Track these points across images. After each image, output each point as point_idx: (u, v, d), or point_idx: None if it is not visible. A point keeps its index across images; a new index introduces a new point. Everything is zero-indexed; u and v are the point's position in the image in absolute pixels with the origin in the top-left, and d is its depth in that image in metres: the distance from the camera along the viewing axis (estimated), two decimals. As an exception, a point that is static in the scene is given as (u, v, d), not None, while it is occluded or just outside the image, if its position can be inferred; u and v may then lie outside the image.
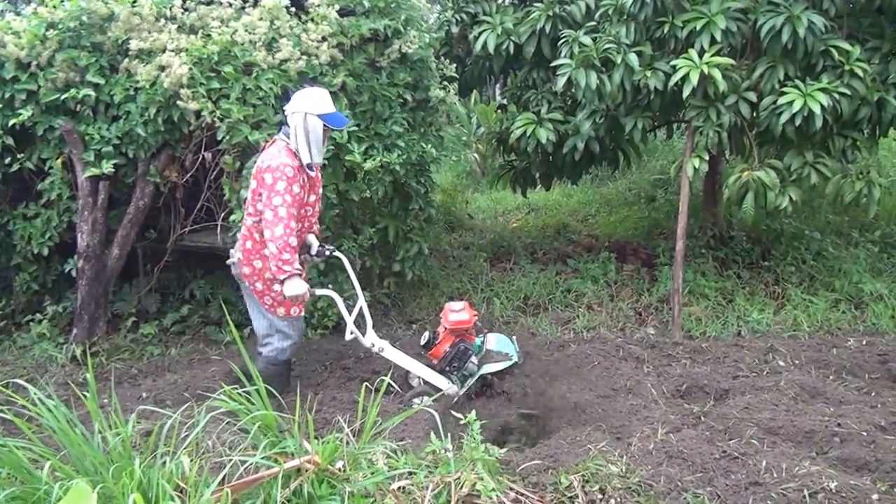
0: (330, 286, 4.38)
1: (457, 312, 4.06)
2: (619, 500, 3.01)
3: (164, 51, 4.48)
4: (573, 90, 5.00)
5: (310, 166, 3.84)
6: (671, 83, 4.65)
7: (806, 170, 4.83)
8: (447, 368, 4.06)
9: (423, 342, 4.13)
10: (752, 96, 4.78)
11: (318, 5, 4.70)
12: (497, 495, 2.86)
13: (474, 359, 4.06)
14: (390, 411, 3.57)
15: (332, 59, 4.71)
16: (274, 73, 4.51)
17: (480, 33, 5.46)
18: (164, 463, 2.63)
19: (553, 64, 5.03)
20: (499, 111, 6.16)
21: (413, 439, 3.48)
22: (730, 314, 5.20)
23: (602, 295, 5.52)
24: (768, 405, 3.96)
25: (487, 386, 4.08)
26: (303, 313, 4.06)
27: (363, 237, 5.03)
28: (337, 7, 4.75)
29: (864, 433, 3.60)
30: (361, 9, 4.95)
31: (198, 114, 4.45)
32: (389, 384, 3.27)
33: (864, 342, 4.82)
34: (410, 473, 2.94)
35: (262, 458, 2.71)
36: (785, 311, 5.23)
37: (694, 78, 4.54)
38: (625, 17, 4.99)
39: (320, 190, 4.12)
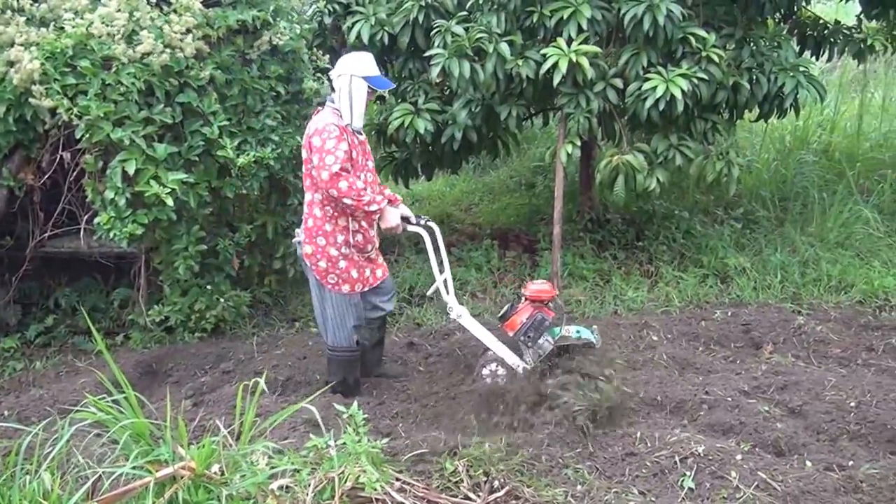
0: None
1: (538, 283, 4.10)
2: (502, 481, 3.06)
3: (12, 45, 4.21)
4: (448, 80, 5.04)
5: (359, 131, 3.83)
6: (542, 71, 4.75)
7: (671, 152, 5.05)
8: (521, 339, 3.99)
9: (500, 314, 4.10)
10: (619, 83, 4.94)
11: (182, -4, 4.54)
12: (381, 486, 2.86)
13: (550, 339, 3.98)
14: (273, 411, 3.49)
15: (198, 51, 4.55)
16: (136, 67, 4.32)
17: (354, 24, 5.40)
18: (27, 482, 2.48)
19: (427, 54, 5.04)
20: (377, 102, 6.11)
21: (298, 437, 3.43)
22: (607, 294, 5.38)
23: (486, 282, 5.59)
24: (644, 378, 4.14)
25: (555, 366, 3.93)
26: (366, 287, 3.99)
27: (240, 235, 4.90)
28: (201, -2, 4.59)
29: (730, 398, 3.82)
30: (227, 0, 4.81)
31: (53, 112, 4.22)
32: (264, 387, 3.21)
33: (729, 313, 5.10)
34: (294, 472, 2.89)
35: (133, 468, 2.60)
36: (658, 289, 5.46)
37: (563, 66, 4.65)
38: (495, 6, 5.06)
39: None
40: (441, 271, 4.10)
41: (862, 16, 6.13)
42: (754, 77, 5.12)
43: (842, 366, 4.42)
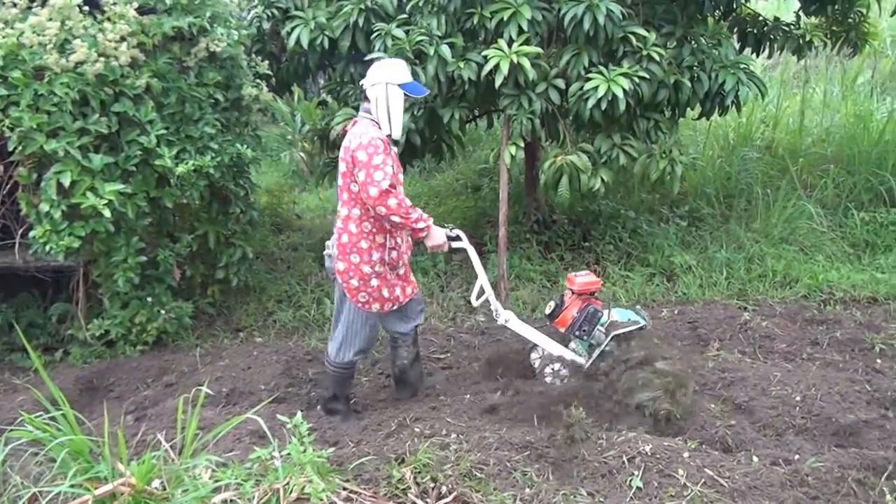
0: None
1: (584, 276, 4.09)
2: (450, 486, 3.02)
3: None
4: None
5: (395, 142, 3.72)
6: (484, 73, 4.73)
7: (615, 152, 5.07)
8: (576, 333, 3.97)
9: (547, 311, 4.07)
10: (561, 83, 4.95)
11: (115, 3, 4.42)
12: (327, 496, 2.80)
13: (601, 328, 3.93)
14: (217, 423, 3.39)
15: (133, 59, 4.45)
16: (69, 77, 4.21)
17: (293, 28, 5.32)
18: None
19: (368, 58, 4.98)
20: (319, 107, 6.04)
21: (243, 449, 3.35)
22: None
23: (433, 286, 5.55)
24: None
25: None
26: (395, 307, 3.88)
27: (181, 245, 4.79)
28: (135, 5, 4.47)
29: (677, 396, 3.83)
30: (163, 6, 4.70)
31: (-16, 124, 4.08)
32: (208, 394, 3.13)
33: (675, 311, 5.14)
34: (238, 485, 2.82)
35: (72, 486, 2.52)
36: (605, 288, 5.48)
37: (504, 67, 4.64)
38: (435, 9, 5.03)
39: None
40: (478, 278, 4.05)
41: (800, 12, 6.23)
42: (695, 75, 5.17)
43: (787, 360, 4.48)
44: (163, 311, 4.72)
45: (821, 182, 6.78)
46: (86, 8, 4.45)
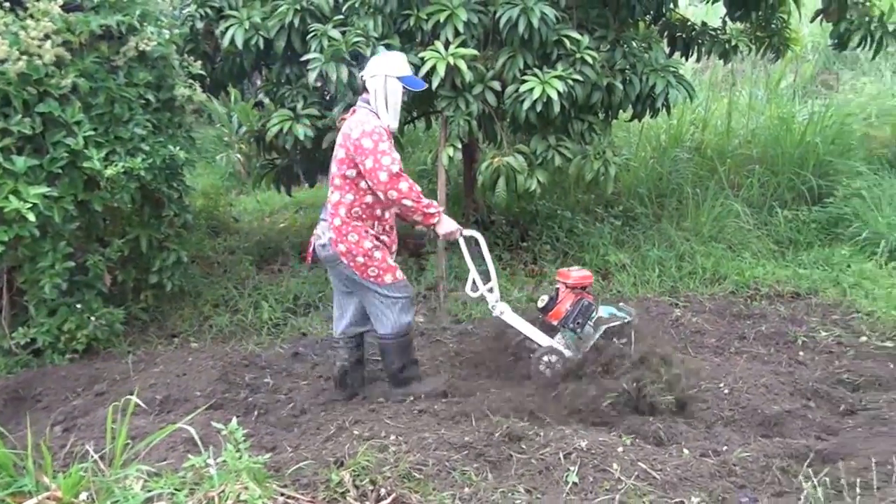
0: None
1: (577, 270, 4.21)
2: (389, 488, 3.02)
3: None
4: (326, 85, 4.97)
5: (394, 133, 3.83)
6: (421, 75, 4.74)
7: (550, 153, 5.16)
8: (571, 326, 4.02)
9: (541, 305, 4.12)
10: (497, 85, 5.01)
11: (38, 0, 4.28)
12: (264, 502, 2.77)
13: (592, 325, 3.98)
14: (150, 432, 3.33)
15: (58, 58, 4.30)
16: (-11, 76, 4.05)
17: (227, 28, 5.24)
18: None
19: (304, 58, 4.95)
20: (255, 108, 5.96)
21: (177, 458, 3.29)
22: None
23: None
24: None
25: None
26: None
27: (111, 250, 4.66)
28: (60, 2, 4.34)
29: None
30: (90, 4, 4.57)
31: None
32: (138, 404, 3.06)
33: (611, 309, 5.25)
34: (172, 494, 2.77)
35: (-9, 502, 2.44)
36: (543, 288, 5.56)
37: (441, 69, 4.68)
38: (372, 10, 5.03)
39: None
40: (476, 268, 4.12)
41: (727, 18, 6.43)
42: (627, 78, 5.30)
43: (716, 354, 4.63)
44: (93, 318, 4.59)
45: (747, 182, 7.01)
46: (7, 4, 4.31)
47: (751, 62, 9.83)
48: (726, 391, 4.00)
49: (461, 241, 4.06)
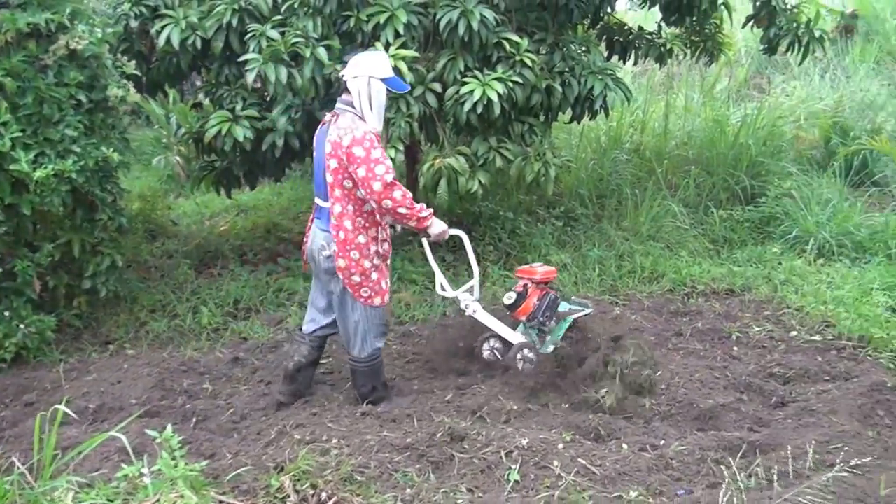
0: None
1: (542, 266, 4.39)
2: (330, 492, 3.01)
3: None
4: (265, 86, 4.90)
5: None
6: (361, 76, 4.72)
7: (491, 154, 5.18)
8: (540, 320, 4.19)
9: (508, 302, 4.22)
10: (438, 87, 5.02)
11: (-39, -4, 4.14)
12: (202, 511, 2.73)
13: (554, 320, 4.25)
14: (83, 441, 3.24)
15: (-17, 57, 4.17)
16: None
17: (163, 28, 5.13)
18: None
19: (242, 59, 4.88)
20: (194, 109, 5.85)
21: (111, 468, 3.22)
22: (437, 297, 5.42)
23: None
24: (472, 376, 4.24)
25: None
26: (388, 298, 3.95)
27: (41, 255, 4.51)
28: (-15, -2, 4.20)
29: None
30: (16, 0, 4.43)
31: None
32: (69, 414, 2.98)
33: (552, 308, 5.30)
34: (106, 505, 2.71)
35: None
36: (485, 288, 5.59)
37: (381, 71, 4.65)
38: (311, 11, 4.98)
39: None
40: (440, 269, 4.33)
41: (662, 22, 6.57)
42: (566, 80, 5.36)
43: (654, 351, 4.70)
44: (22, 326, 4.43)
45: (684, 182, 7.16)
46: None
47: (687, 66, 10.04)
48: (663, 387, 4.09)
49: (424, 243, 4.17)
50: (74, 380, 4.29)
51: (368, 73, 3.66)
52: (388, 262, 3.93)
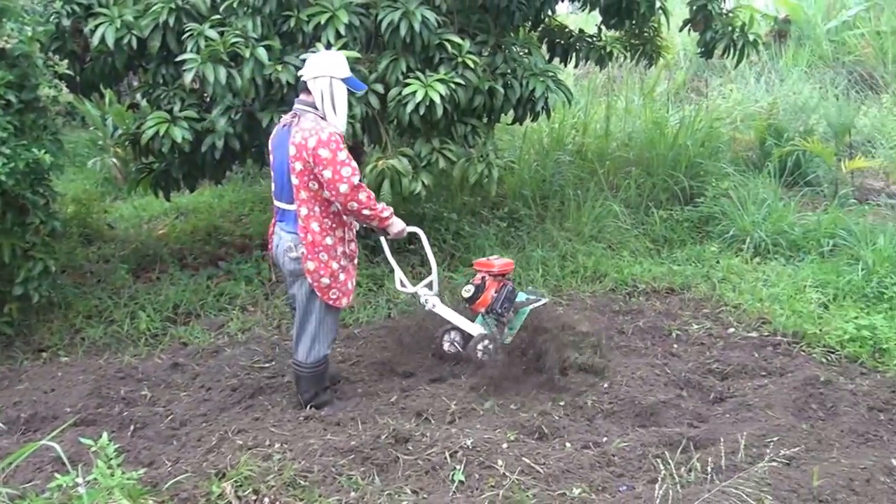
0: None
1: (499, 259, 4.53)
2: (273, 497, 2.97)
3: None
4: (204, 86, 4.81)
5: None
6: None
7: (434, 156, 5.20)
8: (499, 311, 4.30)
9: (467, 295, 4.32)
10: (381, 88, 5.01)
11: None
12: (140, 520, 2.67)
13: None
14: (14, 451, 3.13)
15: None
16: None
17: (97, 26, 4.99)
18: None
19: (179, 59, 4.79)
20: (131, 110, 5.71)
21: (45, 478, 3.12)
22: (381, 298, 5.42)
23: (257, 294, 5.41)
24: (416, 376, 4.24)
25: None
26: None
27: (-31, 260, 4.36)
28: None
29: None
30: (-59, -3, 4.27)
31: None
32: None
33: (496, 308, 5.33)
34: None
35: None
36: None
37: (323, 71, 4.61)
38: (251, 10, 4.91)
39: None
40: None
41: (602, 25, 6.66)
42: (508, 82, 5.41)
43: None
44: (-51, 334, 4.29)
45: (625, 183, 7.28)
46: None
47: (627, 69, 10.21)
48: (605, 385, 4.14)
49: (382, 241, 4.27)
50: (5, 388, 4.15)
51: (330, 73, 3.65)
52: (356, 261, 3.92)
